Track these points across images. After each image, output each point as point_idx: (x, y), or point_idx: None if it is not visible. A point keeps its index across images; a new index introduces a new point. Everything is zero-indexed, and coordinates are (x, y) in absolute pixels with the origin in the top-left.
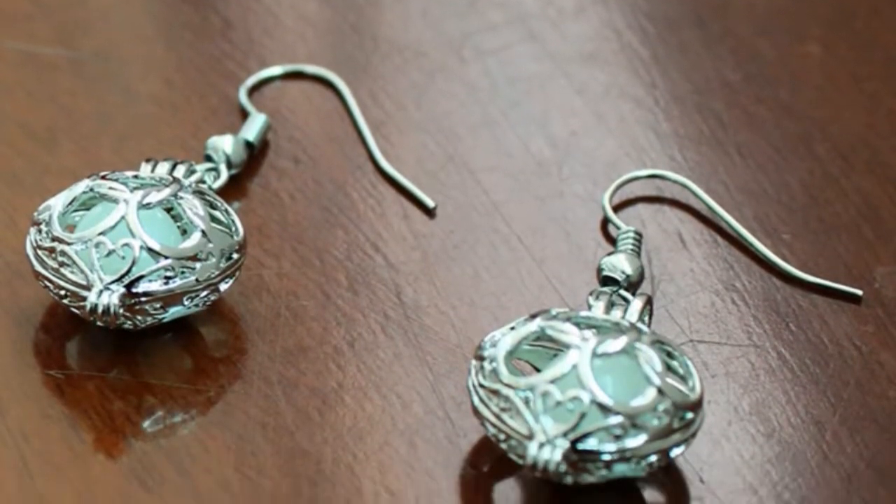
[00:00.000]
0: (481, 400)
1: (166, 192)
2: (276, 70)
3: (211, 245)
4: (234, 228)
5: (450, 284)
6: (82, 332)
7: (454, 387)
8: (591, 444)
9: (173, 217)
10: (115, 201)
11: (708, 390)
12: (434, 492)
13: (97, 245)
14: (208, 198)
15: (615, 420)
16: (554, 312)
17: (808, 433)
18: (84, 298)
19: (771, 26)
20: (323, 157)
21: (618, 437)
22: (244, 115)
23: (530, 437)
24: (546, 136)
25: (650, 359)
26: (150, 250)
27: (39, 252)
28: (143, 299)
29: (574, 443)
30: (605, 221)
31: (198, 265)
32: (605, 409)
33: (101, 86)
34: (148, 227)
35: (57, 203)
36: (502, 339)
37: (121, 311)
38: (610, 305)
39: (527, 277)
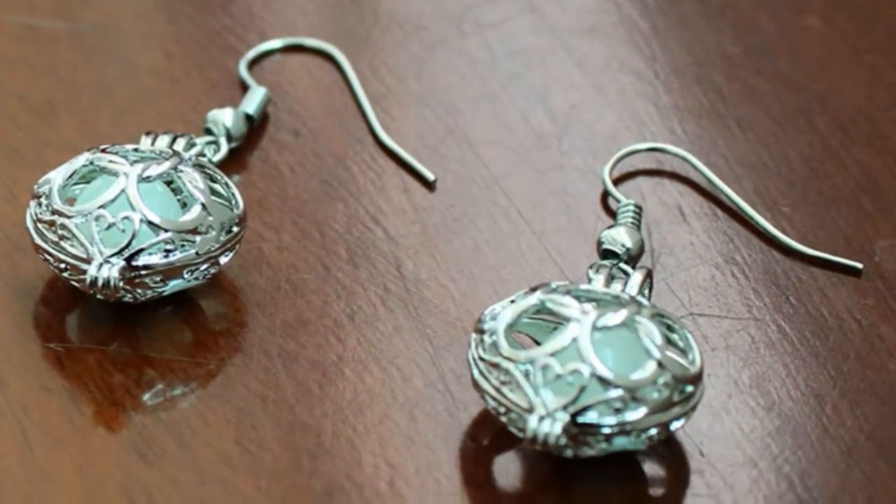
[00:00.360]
0: (481, 373)
1: (166, 165)
2: (276, 43)
3: (211, 218)
4: (234, 202)
5: (450, 257)
6: (82, 305)
7: (454, 360)
8: (591, 417)
9: (173, 190)
10: (115, 174)
11: (708, 363)
12: (434, 465)
13: (97, 218)
14: (208, 171)
15: (615, 393)
16: (554, 285)
17: (808, 406)
18: (84, 272)
19: None
20: (323, 131)
21: (618, 411)
22: (244, 88)
23: (530, 410)
24: (546, 109)
25: (650, 332)
26: (150, 223)
27: (39, 225)
28: (142, 272)
29: (574, 416)
30: (605, 194)
31: (198, 238)
32: (605, 383)
33: (101, 59)
34: (148, 200)
35: (57, 176)
36: (502, 313)
37: (121, 284)
38: (610, 279)
39: (527, 250)
